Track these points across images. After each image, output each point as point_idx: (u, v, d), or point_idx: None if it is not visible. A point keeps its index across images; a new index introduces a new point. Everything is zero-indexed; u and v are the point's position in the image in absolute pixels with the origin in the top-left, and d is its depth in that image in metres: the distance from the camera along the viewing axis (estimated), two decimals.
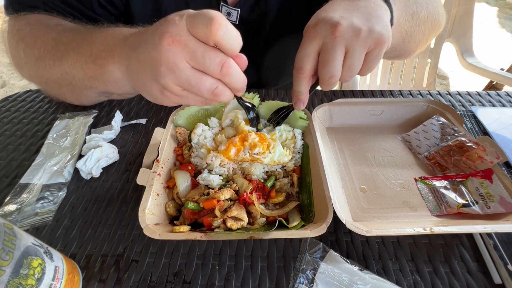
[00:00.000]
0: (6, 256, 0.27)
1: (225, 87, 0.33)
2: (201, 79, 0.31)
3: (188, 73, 0.31)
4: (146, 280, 0.39)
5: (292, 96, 0.43)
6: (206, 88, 0.32)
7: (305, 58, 0.38)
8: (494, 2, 3.18)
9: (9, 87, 2.23)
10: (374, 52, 0.38)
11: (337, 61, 0.37)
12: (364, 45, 0.37)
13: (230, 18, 0.59)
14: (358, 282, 0.36)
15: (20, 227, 0.43)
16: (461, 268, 0.40)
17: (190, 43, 0.30)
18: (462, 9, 1.09)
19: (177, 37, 0.30)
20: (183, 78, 0.31)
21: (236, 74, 0.33)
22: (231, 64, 0.32)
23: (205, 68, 0.31)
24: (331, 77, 0.38)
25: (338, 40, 0.36)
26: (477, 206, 0.43)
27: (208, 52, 0.30)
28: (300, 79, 0.40)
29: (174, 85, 0.32)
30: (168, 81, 0.31)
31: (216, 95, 0.33)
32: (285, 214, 0.43)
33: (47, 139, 0.57)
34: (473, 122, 0.61)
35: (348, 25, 0.37)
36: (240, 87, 0.34)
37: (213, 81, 0.32)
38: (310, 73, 0.40)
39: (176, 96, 0.34)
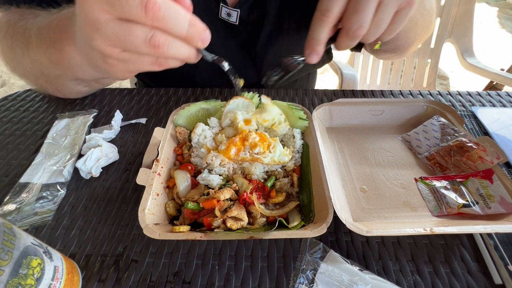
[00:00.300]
0: (5, 256, 0.27)
1: (166, 35, 0.27)
2: (129, 28, 0.26)
3: (112, 26, 0.26)
4: (145, 280, 0.39)
5: (306, 45, 0.38)
6: (140, 40, 0.27)
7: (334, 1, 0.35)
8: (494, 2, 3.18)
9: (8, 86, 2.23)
10: (403, 12, 0.36)
11: (370, 10, 0.34)
12: (398, 1, 0.35)
13: (230, 19, 0.59)
14: (358, 282, 0.36)
15: (20, 227, 0.43)
16: (461, 269, 0.40)
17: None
18: (463, 9, 1.09)
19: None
20: (109, 33, 0.27)
21: (174, 14, 0.26)
22: (158, 1, 0.25)
23: (126, 14, 0.26)
24: (360, 27, 0.35)
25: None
26: (477, 207, 0.43)
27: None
28: (324, 23, 0.35)
29: (107, 46, 0.28)
30: (98, 42, 0.27)
31: (157, 47, 0.27)
32: (285, 214, 0.43)
33: (47, 139, 0.57)
34: (473, 122, 0.61)
35: None
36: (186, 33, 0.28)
37: (145, 29, 0.27)
38: (336, 19, 0.36)
39: (119, 61, 0.29)
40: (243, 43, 0.65)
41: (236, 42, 0.65)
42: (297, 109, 0.53)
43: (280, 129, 0.51)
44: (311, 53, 0.38)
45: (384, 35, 0.38)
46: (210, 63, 0.31)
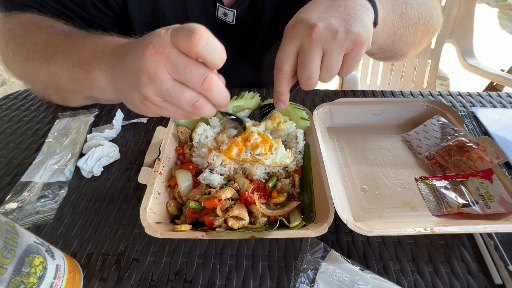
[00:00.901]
0: (8, 254, 0.27)
1: (207, 101, 0.33)
2: (182, 91, 0.31)
3: (168, 84, 0.31)
4: (147, 279, 0.39)
5: (273, 95, 0.43)
6: (187, 101, 0.32)
7: (284, 60, 0.39)
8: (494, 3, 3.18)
9: (9, 85, 2.22)
10: (353, 54, 0.38)
11: (314, 62, 0.37)
12: (342, 47, 0.37)
13: (227, 19, 0.59)
14: (359, 282, 0.36)
15: (21, 225, 0.43)
16: (461, 269, 0.40)
17: (173, 55, 0.30)
18: (463, 10, 1.09)
19: (160, 49, 0.30)
20: (163, 89, 0.31)
21: (218, 89, 0.33)
22: (213, 78, 0.32)
23: (186, 80, 0.31)
24: (309, 78, 0.38)
25: (314, 42, 0.36)
26: (477, 206, 0.43)
27: (190, 65, 0.30)
28: (280, 79, 0.40)
29: (154, 95, 0.32)
30: (149, 91, 0.32)
31: (196, 108, 0.33)
32: (286, 214, 0.43)
33: (48, 138, 0.57)
34: (473, 123, 0.62)
35: (325, 26, 0.37)
36: (222, 102, 0.34)
37: (193, 94, 0.32)
38: (290, 74, 0.40)
39: (156, 106, 0.34)
40: (240, 43, 0.65)
41: (233, 42, 0.65)
42: (299, 109, 0.53)
43: (286, 127, 0.51)
44: (278, 102, 0.43)
45: (341, 73, 0.40)
46: None
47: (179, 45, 0.30)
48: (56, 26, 0.49)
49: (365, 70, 1.23)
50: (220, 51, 0.31)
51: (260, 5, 0.59)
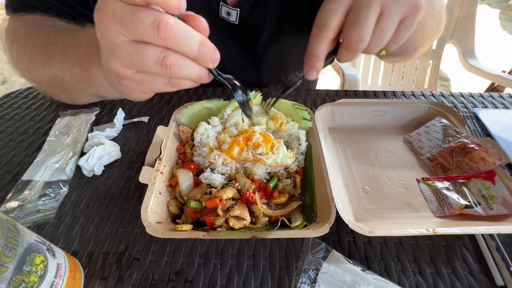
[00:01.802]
0: (9, 253, 0.27)
1: (179, 56, 0.27)
2: (142, 50, 0.26)
3: (126, 48, 0.27)
4: (148, 279, 0.39)
5: (305, 61, 0.36)
6: (152, 60, 0.27)
7: (332, 13, 0.33)
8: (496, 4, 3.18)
9: (10, 83, 2.22)
10: (408, 21, 0.34)
11: (370, 21, 0.32)
12: (401, 9, 0.33)
13: (230, 18, 0.59)
14: (360, 282, 0.36)
15: (22, 224, 0.43)
16: (463, 270, 0.40)
17: (117, 10, 0.25)
18: (465, 11, 1.09)
19: (104, 9, 0.26)
20: (124, 55, 0.27)
21: (185, 36, 0.26)
22: (170, 21, 0.25)
23: (139, 35, 0.26)
24: (360, 40, 0.33)
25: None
26: (479, 208, 0.43)
27: (137, 14, 0.25)
28: (322, 38, 0.34)
29: (122, 67, 0.28)
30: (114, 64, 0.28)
31: (169, 68, 0.27)
32: (287, 214, 0.43)
33: (49, 136, 0.57)
34: (475, 124, 0.61)
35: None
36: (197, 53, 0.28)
37: (157, 49, 0.27)
38: (334, 33, 0.34)
39: (133, 82, 0.30)
40: (243, 43, 0.65)
41: (236, 41, 0.65)
42: (301, 109, 0.53)
43: (289, 128, 0.51)
44: (310, 69, 0.37)
45: (389, 45, 0.36)
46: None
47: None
48: (57, 24, 0.49)
49: (366, 70, 1.23)
50: None
51: (263, 5, 0.59)
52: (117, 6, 0.25)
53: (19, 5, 0.51)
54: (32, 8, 0.50)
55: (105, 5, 0.26)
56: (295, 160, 0.48)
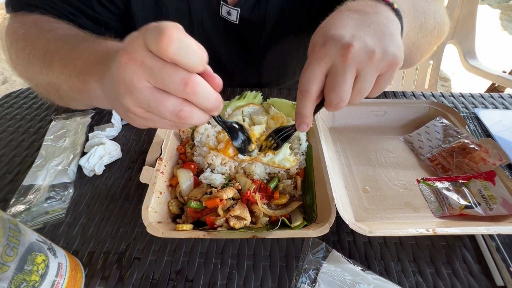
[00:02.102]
0: (10, 252, 0.27)
1: (193, 108, 0.30)
2: (161, 99, 0.28)
3: (146, 93, 0.28)
4: (148, 278, 0.39)
5: (295, 117, 0.40)
6: (168, 110, 0.29)
7: (312, 80, 0.35)
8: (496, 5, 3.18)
9: (10, 83, 2.23)
10: (387, 75, 0.36)
11: (347, 85, 0.34)
12: (377, 68, 0.34)
13: (230, 18, 0.59)
14: (360, 282, 0.36)
15: (32, 226, 0.43)
16: (463, 270, 0.40)
17: (147, 60, 0.27)
18: (465, 11, 1.09)
19: (133, 54, 0.27)
20: (141, 99, 0.28)
21: (205, 92, 0.29)
22: (196, 81, 0.28)
23: (165, 86, 0.28)
24: (340, 101, 0.35)
25: (349, 63, 0.33)
26: (479, 208, 0.43)
27: (167, 68, 0.27)
28: (306, 101, 0.37)
29: (134, 106, 0.29)
30: (127, 102, 0.29)
31: (181, 118, 0.29)
32: (287, 214, 0.43)
33: (45, 141, 0.57)
34: (476, 124, 0.61)
35: (360, 46, 0.33)
36: (212, 107, 0.30)
37: (176, 101, 0.29)
38: (316, 96, 0.37)
39: (140, 118, 0.31)
40: (244, 42, 0.65)
41: (237, 41, 0.65)
42: None
43: None
44: (300, 125, 0.39)
45: (371, 95, 0.38)
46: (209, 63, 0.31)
47: (151, 48, 0.27)
48: (57, 28, 0.48)
49: None
50: (197, 52, 0.27)
51: (264, 5, 0.59)
52: (147, 56, 0.27)
53: (20, 4, 0.51)
54: (33, 7, 0.50)
55: (134, 52, 0.27)
56: (295, 164, 0.48)
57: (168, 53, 0.26)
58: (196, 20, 0.60)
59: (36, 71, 0.45)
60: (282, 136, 0.46)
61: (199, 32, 0.61)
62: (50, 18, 0.50)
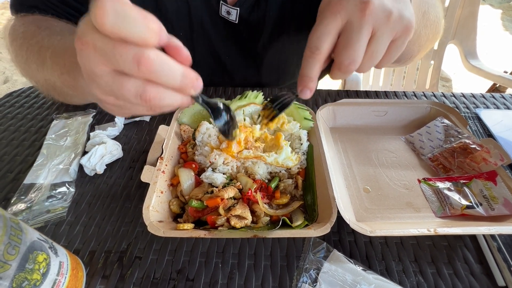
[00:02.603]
0: (12, 251, 0.27)
1: (159, 88, 0.27)
2: (122, 83, 0.26)
3: (106, 79, 0.26)
4: (149, 277, 0.39)
5: (298, 81, 0.37)
6: (132, 93, 0.26)
7: (324, 37, 0.33)
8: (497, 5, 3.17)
9: (11, 82, 2.23)
10: (399, 41, 0.34)
11: (362, 43, 0.32)
12: (392, 30, 0.33)
13: (230, 17, 0.59)
14: (361, 282, 0.36)
15: (34, 224, 0.43)
16: (464, 270, 0.40)
17: (98, 41, 0.24)
18: (467, 11, 1.09)
19: (83, 38, 0.25)
20: (104, 85, 0.27)
21: (165, 69, 0.26)
22: (150, 57, 0.25)
23: (120, 68, 0.25)
24: (351, 62, 0.33)
25: (367, 19, 0.31)
26: (481, 208, 0.43)
27: (117, 47, 0.24)
28: (314, 60, 0.34)
29: (103, 95, 0.28)
30: (95, 91, 0.28)
31: (149, 100, 0.27)
32: (288, 213, 0.43)
33: (46, 140, 0.57)
34: (477, 124, 0.61)
35: (379, 4, 0.32)
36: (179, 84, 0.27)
37: (137, 83, 0.26)
38: (327, 55, 0.34)
39: (115, 107, 0.29)
40: (244, 42, 0.65)
41: (237, 40, 0.65)
42: (302, 109, 0.53)
43: (290, 128, 0.51)
44: (303, 89, 0.37)
45: (380, 64, 0.37)
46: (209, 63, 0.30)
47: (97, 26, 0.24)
48: (55, 26, 0.49)
49: None
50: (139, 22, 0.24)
51: (263, 5, 0.59)
52: (98, 37, 0.25)
53: (22, 6, 0.52)
54: (34, 8, 0.51)
55: (85, 35, 0.25)
56: (297, 163, 0.48)
57: (106, 28, 0.23)
58: (196, 20, 0.60)
59: (33, 68, 0.45)
60: (280, 105, 0.42)
61: (199, 32, 0.61)
62: (49, 18, 0.50)
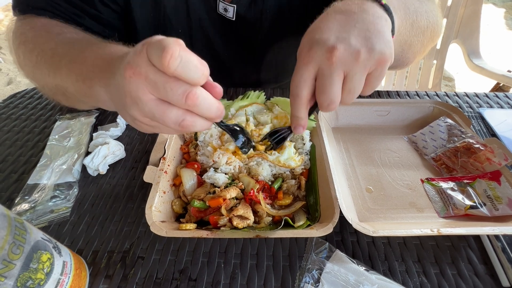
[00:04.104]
0: (17, 250, 0.27)
1: (195, 117, 0.31)
2: (165, 111, 0.30)
3: (151, 105, 0.30)
4: (152, 277, 0.39)
5: (290, 120, 0.41)
6: (172, 121, 0.30)
7: (301, 85, 0.36)
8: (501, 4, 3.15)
9: (15, 84, 2.25)
10: (376, 72, 0.36)
11: (335, 87, 0.35)
12: (365, 68, 0.34)
13: (227, 14, 0.60)
14: (364, 282, 0.36)
15: (38, 224, 0.43)
16: (468, 271, 0.39)
17: (150, 74, 0.28)
18: (469, 10, 1.08)
19: (137, 69, 0.28)
20: (147, 110, 0.30)
21: (206, 103, 0.31)
22: (197, 93, 0.29)
23: (168, 99, 0.29)
24: (331, 103, 0.36)
25: (335, 65, 0.34)
26: (484, 208, 0.42)
27: (169, 83, 0.28)
28: (298, 105, 0.38)
29: (141, 116, 0.31)
30: (134, 113, 0.31)
31: (184, 127, 0.31)
32: (291, 214, 0.43)
33: (49, 141, 0.57)
34: (481, 124, 0.61)
35: (345, 48, 0.34)
36: (214, 116, 0.32)
37: (178, 112, 0.30)
38: (308, 99, 0.38)
39: (147, 126, 0.33)
40: (242, 39, 0.65)
41: (235, 37, 0.65)
42: None
43: None
44: (296, 127, 0.40)
45: (364, 93, 0.38)
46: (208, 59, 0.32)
47: (155, 63, 0.28)
48: (65, 32, 0.49)
49: None
50: (198, 68, 0.28)
51: (260, 2, 0.59)
52: (152, 71, 0.28)
53: (28, 7, 0.52)
54: (40, 10, 0.51)
55: (138, 66, 0.28)
56: (301, 164, 0.48)
57: (170, 69, 0.27)
58: (194, 17, 0.60)
59: (44, 73, 0.45)
60: (277, 139, 0.46)
61: (197, 29, 0.62)
62: (58, 22, 0.51)
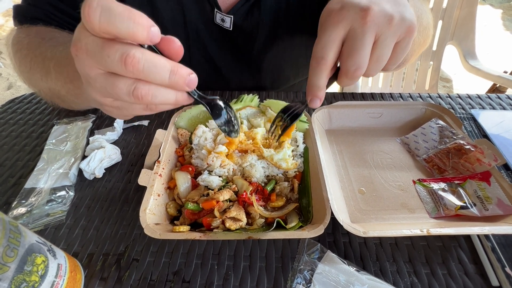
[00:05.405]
0: (11, 253, 0.28)
1: (150, 86, 0.27)
2: (113, 83, 0.27)
3: (100, 80, 0.27)
4: (146, 279, 0.40)
5: (307, 91, 0.37)
6: (123, 92, 0.27)
7: (329, 46, 0.33)
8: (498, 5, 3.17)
9: (15, 88, 2.26)
10: (404, 42, 0.35)
11: (366, 50, 0.33)
12: (395, 34, 0.33)
13: (224, 25, 0.61)
14: (355, 283, 0.37)
15: (33, 228, 0.44)
16: (458, 270, 0.40)
17: (89, 44, 0.25)
18: (465, 12, 1.09)
19: (78, 43, 0.26)
20: (98, 86, 0.28)
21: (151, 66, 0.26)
22: (136, 55, 0.25)
23: (109, 68, 0.26)
24: (358, 68, 0.33)
25: (369, 26, 0.32)
26: (475, 208, 0.43)
27: (104, 48, 0.25)
28: (321, 70, 0.34)
29: (99, 97, 0.29)
30: (92, 94, 0.29)
31: (141, 98, 0.27)
32: (283, 215, 0.44)
33: (47, 145, 0.58)
34: (472, 125, 0.62)
35: (379, 10, 0.32)
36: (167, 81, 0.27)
37: (127, 81, 0.27)
38: (333, 63, 0.35)
39: (114, 108, 0.31)
40: (238, 48, 0.66)
41: (232, 46, 0.66)
42: None
43: None
44: (313, 99, 0.37)
45: (387, 66, 0.37)
46: (205, 68, 0.31)
47: (87, 26, 0.25)
48: (58, 36, 0.50)
49: None
50: (125, 15, 0.24)
51: (257, 12, 0.60)
52: (89, 40, 0.25)
53: (25, 18, 0.54)
54: (37, 19, 0.53)
55: (79, 40, 0.26)
56: (294, 168, 0.49)
57: (94, 24, 0.23)
58: (191, 27, 0.61)
59: (37, 78, 0.47)
60: (292, 115, 0.43)
61: (195, 39, 0.63)
62: (52, 29, 0.52)
